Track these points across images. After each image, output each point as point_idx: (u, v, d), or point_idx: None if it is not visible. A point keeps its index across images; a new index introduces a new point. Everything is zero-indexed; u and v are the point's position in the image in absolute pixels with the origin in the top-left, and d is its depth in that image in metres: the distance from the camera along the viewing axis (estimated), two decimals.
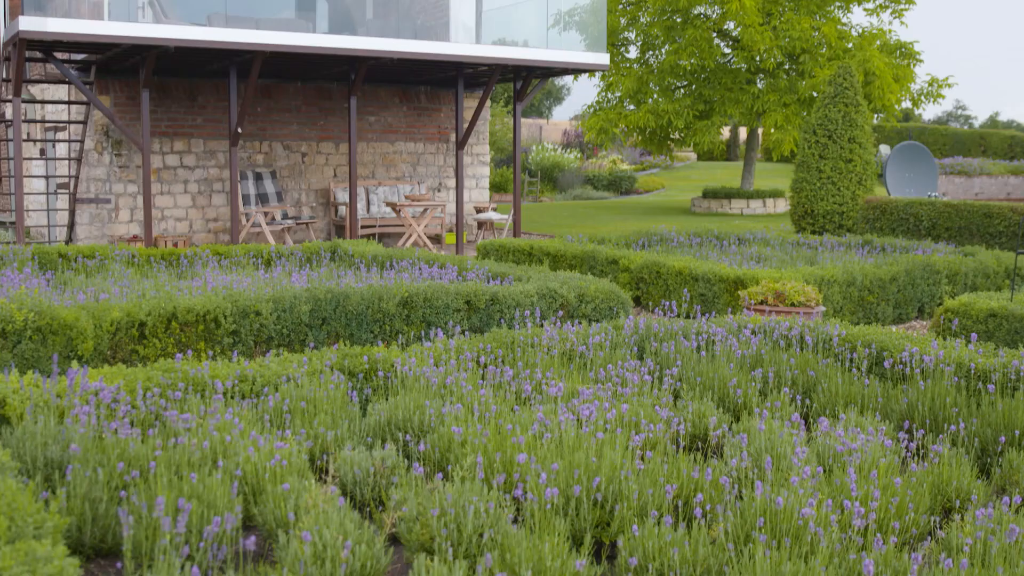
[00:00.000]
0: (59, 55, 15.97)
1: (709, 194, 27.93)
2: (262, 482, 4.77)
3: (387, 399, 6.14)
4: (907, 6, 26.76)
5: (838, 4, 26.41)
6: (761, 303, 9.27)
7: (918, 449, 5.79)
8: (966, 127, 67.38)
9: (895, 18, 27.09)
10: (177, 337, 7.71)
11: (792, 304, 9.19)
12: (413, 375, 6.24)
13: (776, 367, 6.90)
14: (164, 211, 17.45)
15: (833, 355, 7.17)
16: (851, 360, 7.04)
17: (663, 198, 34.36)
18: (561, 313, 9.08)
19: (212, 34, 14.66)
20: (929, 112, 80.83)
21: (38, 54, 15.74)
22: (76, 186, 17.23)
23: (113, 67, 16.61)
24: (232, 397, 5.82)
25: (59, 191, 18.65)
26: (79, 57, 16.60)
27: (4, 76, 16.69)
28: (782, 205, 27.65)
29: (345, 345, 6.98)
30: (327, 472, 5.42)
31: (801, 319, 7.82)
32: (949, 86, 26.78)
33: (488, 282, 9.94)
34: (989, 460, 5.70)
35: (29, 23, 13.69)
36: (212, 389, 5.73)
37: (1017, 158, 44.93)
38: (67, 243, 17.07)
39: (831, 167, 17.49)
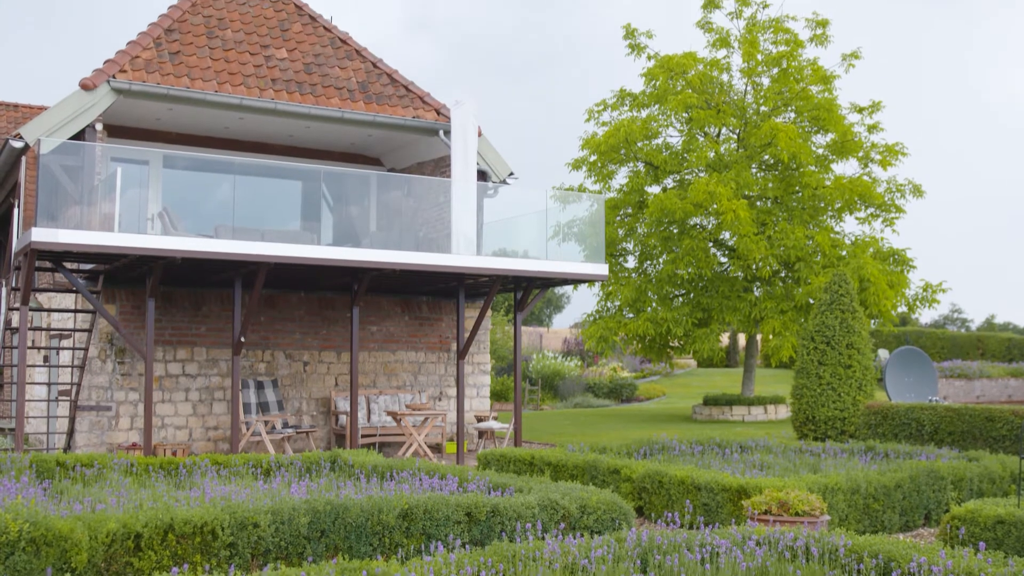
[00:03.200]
0: (68, 265, 16.29)
1: (710, 401, 27.92)
2: None
3: None
4: (897, 215, 27.40)
5: (830, 214, 27.06)
6: (765, 513, 9.16)
7: None
8: (963, 330, 67.92)
9: (886, 226, 27.70)
10: (173, 549, 7.59)
11: (796, 513, 9.08)
12: None
13: None
14: (164, 419, 17.44)
15: (840, 566, 7.04)
16: (858, 571, 6.91)
17: (664, 405, 34.33)
18: (563, 525, 8.97)
19: (219, 246, 14.99)
20: (926, 316, 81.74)
21: (48, 264, 16.06)
22: (77, 393, 17.28)
23: (120, 276, 16.91)
24: None
25: (60, 398, 18.68)
26: (87, 267, 16.93)
27: (13, 285, 16.97)
28: (783, 411, 27.59)
29: (344, 559, 6.87)
30: None
31: (806, 529, 7.72)
32: (943, 291, 27.13)
33: (489, 493, 9.85)
34: None
35: (41, 234, 14.02)
36: None
37: (1015, 360, 45.12)
38: (66, 450, 16.98)
39: (831, 373, 17.57)
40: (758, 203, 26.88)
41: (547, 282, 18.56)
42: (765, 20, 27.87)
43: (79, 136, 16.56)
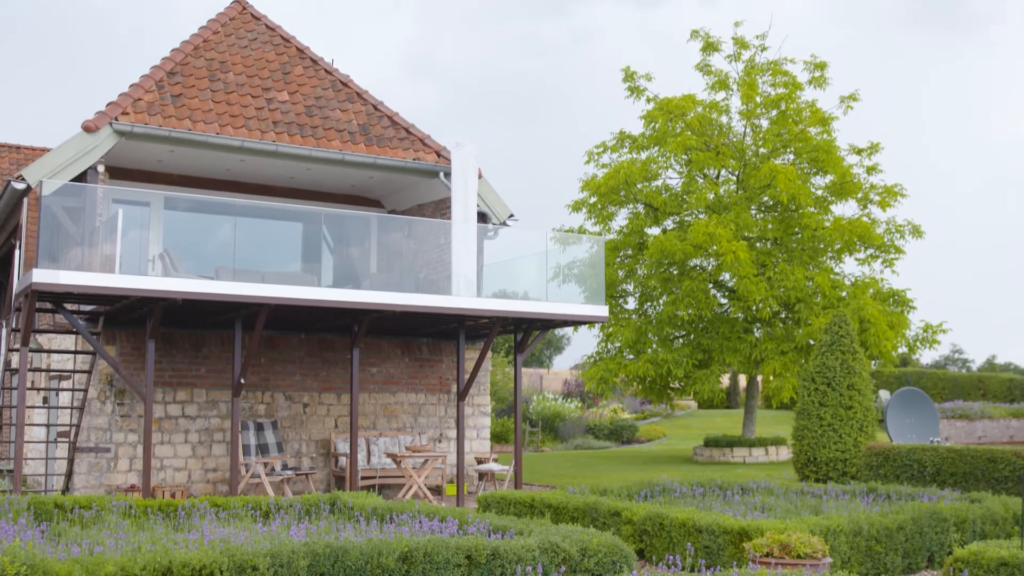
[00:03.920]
0: (69, 306, 16.29)
1: (711, 442, 27.82)
2: None
3: None
4: (897, 255, 27.43)
5: (830, 255, 27.11)
6: (767, 555, 9.11)
7: None
8: (964, 370, 67.81)
9: (886, 267, 27.72)
10: None
11: (798, 556, 9.03)
12: None
13: None
14: (163, 460, 17.38)
15: None
16: None
17: (665, 447, 34.21)
18: (564, 568, 8.92)
19: (219, 287, 15.01)
20: (926, 356, 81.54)
21: (48, 305, 16.07)
22: (76, 435, 17.23)
23: (120, 318, 16.91)
24: None
25: (59, 439, 18.62)
26: (88, 308, 16.93)
27: (14, 326, 16.96)
28: (784, 452, 27.49)
29: None
30: None
31: (808, 571, 7.68)
32: (944, 332, 27.09)
33: (489, 536, 9.80)
34: None
35: (42, 275, 14.03)
36: None
37: (1017, 400, 45.04)
38: (64, 492, 16.91)
39: (831, 414, 17.53)
40: (758, 244, 26.94)
41: (547, 323, 18.54)
42: (764, 63, 28.08)
43: (81, 178, 16.63)
